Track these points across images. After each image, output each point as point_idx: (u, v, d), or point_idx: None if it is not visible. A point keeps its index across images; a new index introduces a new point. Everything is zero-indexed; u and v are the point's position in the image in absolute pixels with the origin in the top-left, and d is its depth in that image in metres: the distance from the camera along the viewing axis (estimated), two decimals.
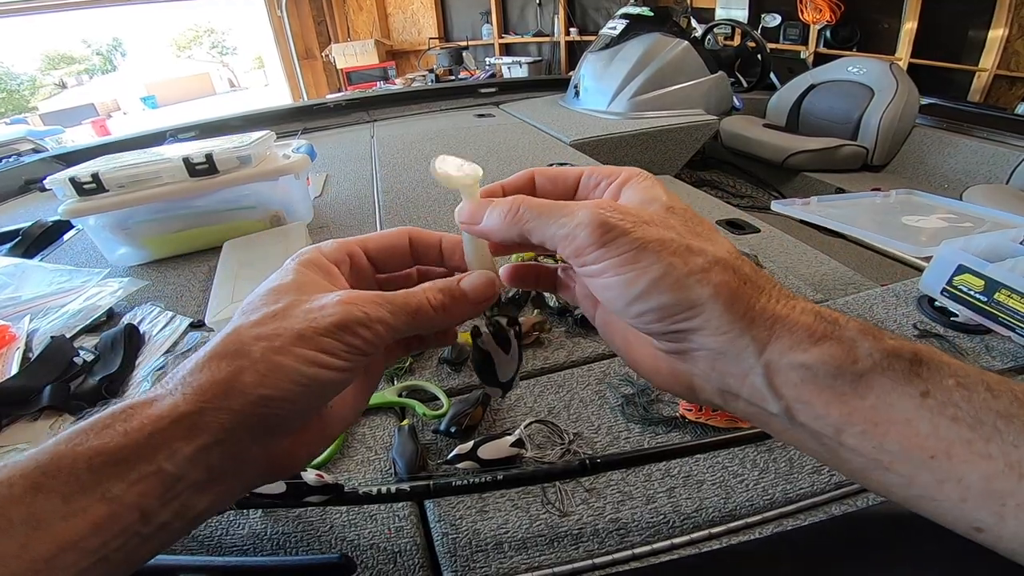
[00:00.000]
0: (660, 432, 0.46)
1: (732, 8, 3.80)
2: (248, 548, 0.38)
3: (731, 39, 2.94)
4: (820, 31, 3.54)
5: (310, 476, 0.35)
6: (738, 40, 2.40)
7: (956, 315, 0.58)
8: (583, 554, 0.36)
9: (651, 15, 1.85)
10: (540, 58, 4.95)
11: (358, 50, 5.33)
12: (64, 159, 1.65)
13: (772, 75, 2.11)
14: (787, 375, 0.18)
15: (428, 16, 5.54)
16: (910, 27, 3.26)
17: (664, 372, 0.22)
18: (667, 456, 0.41)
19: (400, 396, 0.51)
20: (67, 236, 1.05)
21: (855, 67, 1.83)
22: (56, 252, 0.99)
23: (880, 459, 0.17)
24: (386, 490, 0.36)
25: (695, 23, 2.04)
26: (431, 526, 0.39)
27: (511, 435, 0.44)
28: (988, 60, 3.12)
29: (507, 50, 5.29)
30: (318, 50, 5.55)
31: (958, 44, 3.20)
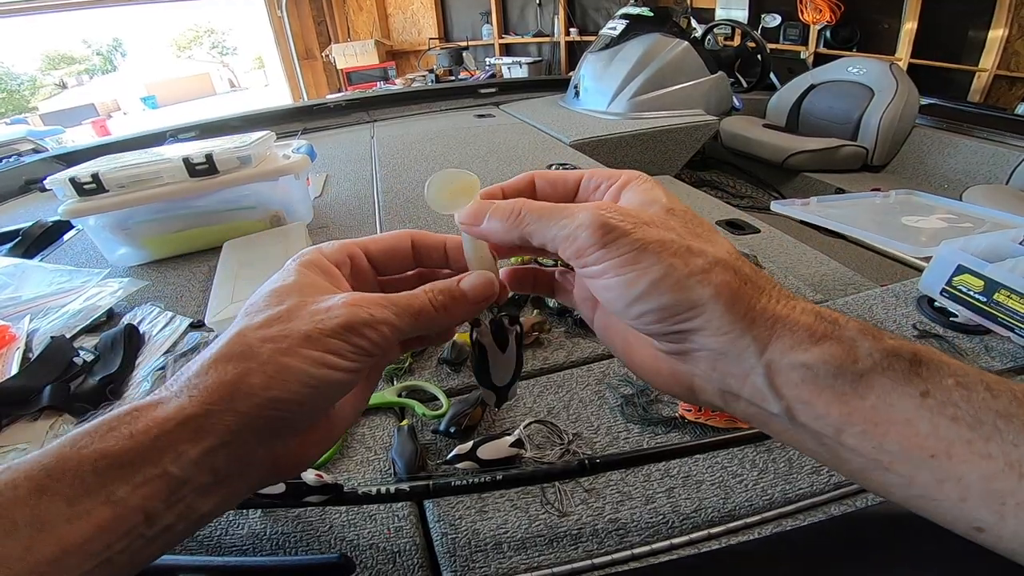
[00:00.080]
0: (659, 432, 0.46)
1: (732, 8, 3.80)
2: (247, 548, 0.38)
3: (731, 39, 2.94)
4: (820, 31, 3.54)
5: (309, 476, 0.35)
6: (738, 40, 2.40)
7: (956, 315, 0.58)
8: (582, 554, 0.36)
9: (651, 15, 1.85)
10: (540, 58, 4.95)
11: (358, 50, 5.33)
12: (64, 159, 1.65)
13: (772, 75, 2.12)
14: (788, 375, 0.18)
15: (428, 16, 5.54)
16: (910, 27, 3.27)
17: (664, 373, 0.22)
18: (666, 456, 0.41)
19: (399, 396, 0.51)
20: (67, 236, 1.05)
21: (855, 67, 1.83)
22: (56, 252, 0.99)
23: (880, 459, 0.17)
24: (385, 490, 0.36)
25: (695, 23, 2.04)
26: (430, 526, 0.39)
27: (510, 435, 0.44)
28: (988, 60, 3.12)
29: (507, 50, 5.29)
30: (318, 50, 5.55)
31: (958, 44, 3.20)
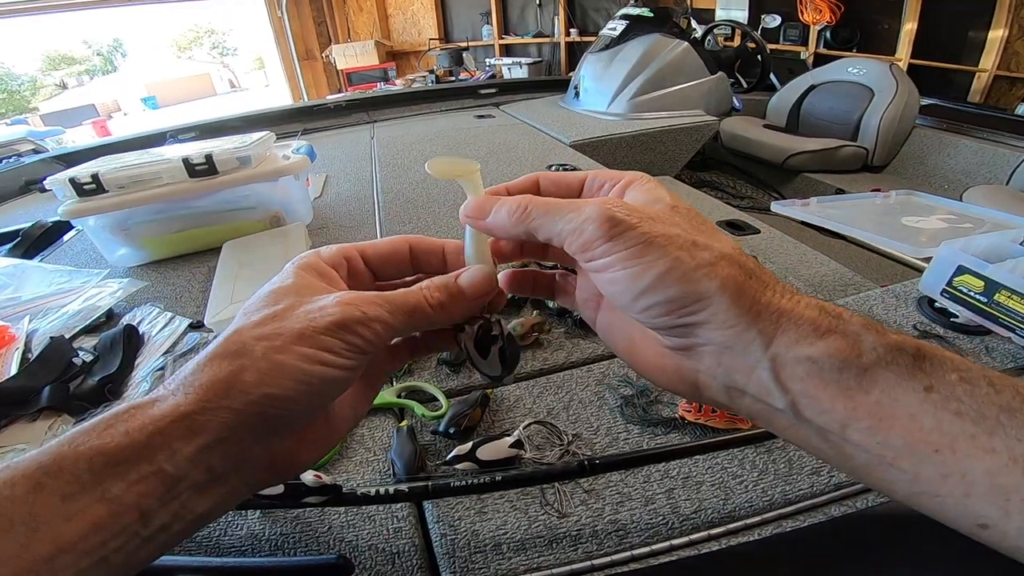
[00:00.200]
0: (659, 433, 0.46)
1: (732, 9, 3.81)
2: (246, 549, 0.38)
3: (731, 40, 2.94)
4: (820, 32, 3.55)
5: (308, 477, 0.35)
6: (738, 41, 2.40)
7: (956, 316, 0.58)
8: (582, 555, 0.36)
9: (651, 16, 1.85)
10: (540, 59, 4.96)
11: (358, 51, 5.34)
12: (64, 160, 1.65)
13: (772, 76, 2.11)
14: (793, 369, 0.18)
15: (428, 17, 5.55)
16: (910, 28, 3.27)
17: (669, 370, 0.22)
18: (666, 457, 0.41)
19: (399, 397, 0.51)
20: (67, 237, 1.05)
21: (855, 68, 1.83)
22: (56, 253, 0.99)
23: (884, 455, 0.17)
24: (384, 491, 0.36)
25: (695, 24, 2.04)
26: (430, 527, 0.39)
27: (510, 436, 0.44)
28: (988, 61, 3.12)
29: (507, 51, 5.30)
30: (318, 51, 5.56)
31: (958, 45, 3.21)
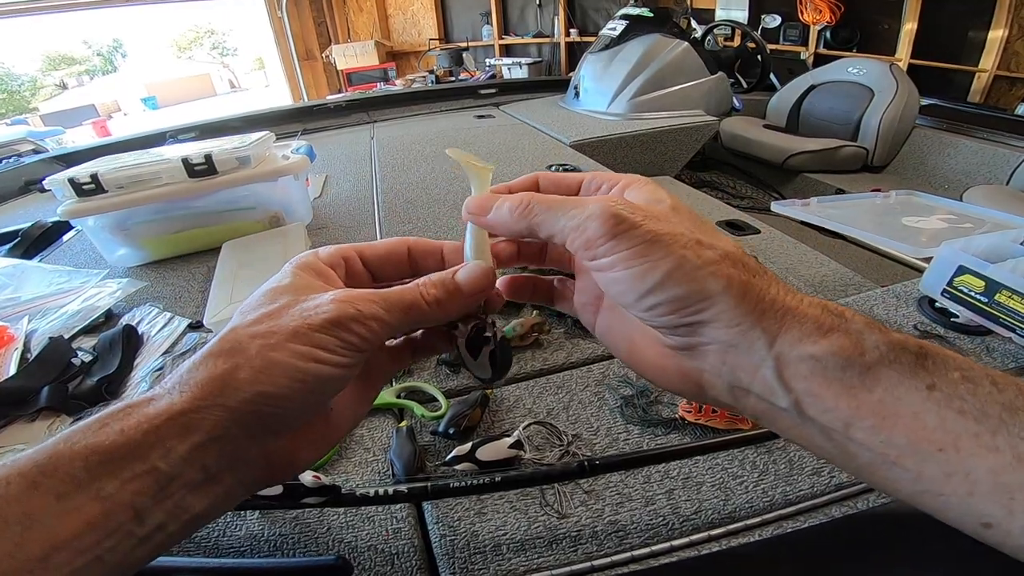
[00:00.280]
0: (659, 434, 0.46)
1: (732, 9, 3.81)
2: (245, 549, 0.38)
3: (731, 40, 2.94)
4: (820, 32, 3.55)
5: (307, 477, 0.35)
6: (738, 41, 2.40)
7: (957, 316, 0.58)
8: (582, 556, 0.36)
9: (651, 16, 1.85)
10: (540, 59, 4.96)
11: (358, 51, 5.34)
12: (64, 160, 1.65)
13: (772, 76, 2.11)
14: (797, 367, 0.18)
15: (428, 17, 5.55)
16: (910, 28, 3.27)
17: (671, 371, 0.22)
18: (666, 458, 0.40)
19: (398, 397, 0.51)
20: (66, 237, 1.05)
21: (855, 68, 1.83)
22: (55, 253, 0.99)
23: (888, 453, 0.17)
24: (384, 492, 0.36)
25: (695, 24, 2.04)
26: (429, 528, 0.39)
27: (510, 436, 0.44)
28: (988, 61, 3.12)
29: (507, 51, 5.30)
30: (318, 51, 5.56)
31: (958, 45, 3.21)
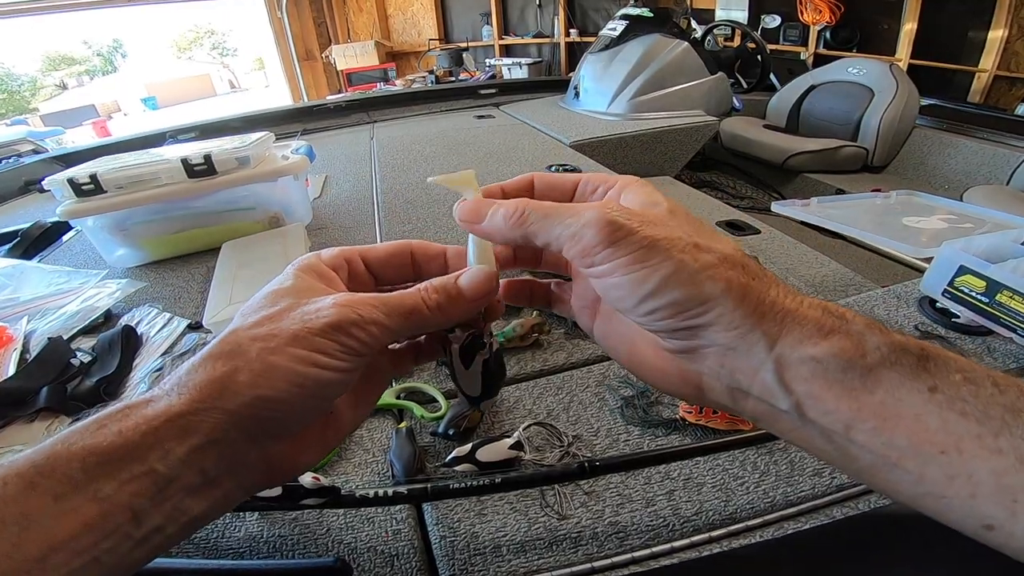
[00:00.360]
0: (660, 434, 0.46)
1: (732, 9, 3.81)
2: (244, 551, 0.38)
3: (731, 40, 2.94)
4: (820, 32, 3.55)
5: (306, 479, 0.35)
6: (738, 41, 2.40)
7: (957, 316, 0.57)
8: (582, 557, 0.36)
9: (651, 16, 1.85)
10: (540, 59, 4.96)
11: (358, 51, 5.34)
12: (64, 160, 1.65)
13: (772, 76, 2.11)
14: (797, 369, 0.18)
15: (428, 17, 5.55)
16: (910, 28, 3.27)
17: (671, 374, 0.22)
18: (667, 459, 0.40)
19: (398, 398, 0.51)
20: (66, 237, 1.05)
21: (855, 68, 1.83)
22: (55, 253, 0.99)
23: (889, 455, 0.17)
24: (383, 493, 0.36)
25: (695, 24, 2.04)
26: (429, 529, 0.39)
27: (510, 437, 0.43)
28: (988, 61, 3.12)
29: (507, 51, 5.29)
30: (318, 51, 5.55)
31: (958, 45, 3.21)
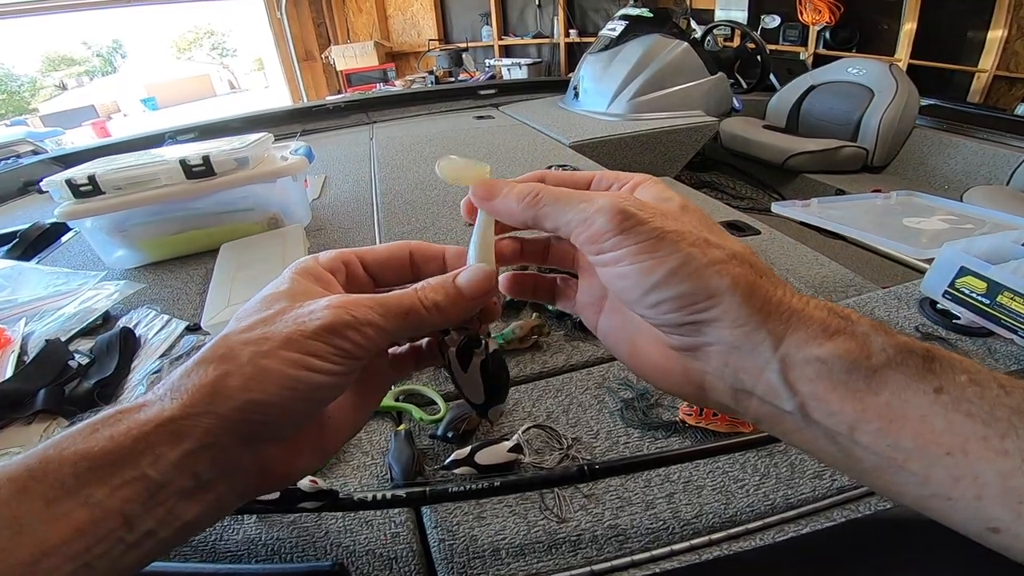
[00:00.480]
0: (660, 437, 0.46)
1: (731, 9, 3.81)
2: (242, 554, 0.38)
3: (731, 40, 2.94)
4: (819, 32, 3.55)
5: (304, 482, 0.34)
6: (738, 41, 2.40)
7: (958, 317, 0.57)
8: (581, 561, 0.36)
9: (651, 16, 1.85)
10: (540, 60, 4.96)
11: (358, 52, 5.33)
12: (63, 161, 1.65)
13: (772, 76, 2.11)
14: (802, 370, 0.18)
15: (428, 18, 5.54)
16: (909, 28, 3.27)
17: (674, 373, 0.22)
18: (667, 461, 0.40)
19: (397, 400, 0.51)
20: (65, 238, 1.05)
21: (855, 68, 1.83)
22: (53, 254, 0.99)
23: (894, 457, 0.17)
24: (382, 496, 0.36)
25: (695, 24, 2.04)
26: (427, 532, 0.39)
27: (509, 440, 0.43)
28: (987, 61, 3.12)
29: (507, 52, 5.29)
30: (318, 52, 5.55)
31: (957, 45, 3.21)
